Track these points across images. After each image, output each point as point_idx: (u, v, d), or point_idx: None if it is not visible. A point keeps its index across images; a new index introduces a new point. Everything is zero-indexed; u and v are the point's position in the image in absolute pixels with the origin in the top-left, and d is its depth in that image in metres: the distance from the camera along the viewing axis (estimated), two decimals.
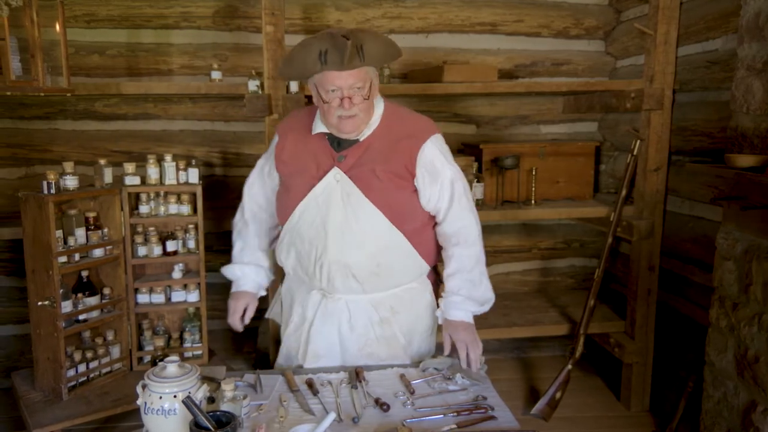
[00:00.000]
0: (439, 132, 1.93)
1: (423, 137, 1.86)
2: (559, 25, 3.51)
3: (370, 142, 1.84)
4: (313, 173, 1.86)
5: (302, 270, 1.93)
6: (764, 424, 2.07)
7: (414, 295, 1.98)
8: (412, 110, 1.99)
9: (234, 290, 2.09)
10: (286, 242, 1.94)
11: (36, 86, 2.36)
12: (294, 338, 2.00)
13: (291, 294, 2.06)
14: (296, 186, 1.89)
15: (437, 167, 1.86)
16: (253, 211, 2.09)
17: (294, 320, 2.00)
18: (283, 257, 1.98)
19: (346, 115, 1.75)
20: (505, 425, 1.55)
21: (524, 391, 3.35)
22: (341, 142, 1.84)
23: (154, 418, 1.38)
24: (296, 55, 1.75)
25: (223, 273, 2.13)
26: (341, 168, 1.83)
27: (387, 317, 1.92)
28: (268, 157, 2.04)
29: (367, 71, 1.75)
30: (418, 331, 2.01)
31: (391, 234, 1.84)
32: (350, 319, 1.91)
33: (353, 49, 1.65)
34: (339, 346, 1.93)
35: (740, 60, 2.31)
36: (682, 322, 2.97)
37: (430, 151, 1.86)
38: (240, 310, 2.05)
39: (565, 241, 3.80)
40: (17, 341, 3.35)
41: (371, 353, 1.92)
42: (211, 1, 3.24)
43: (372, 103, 1.81)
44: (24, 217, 2.52)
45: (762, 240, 2.10)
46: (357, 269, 1.85)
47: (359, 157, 1.83)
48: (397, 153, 1.83)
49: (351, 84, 1.72)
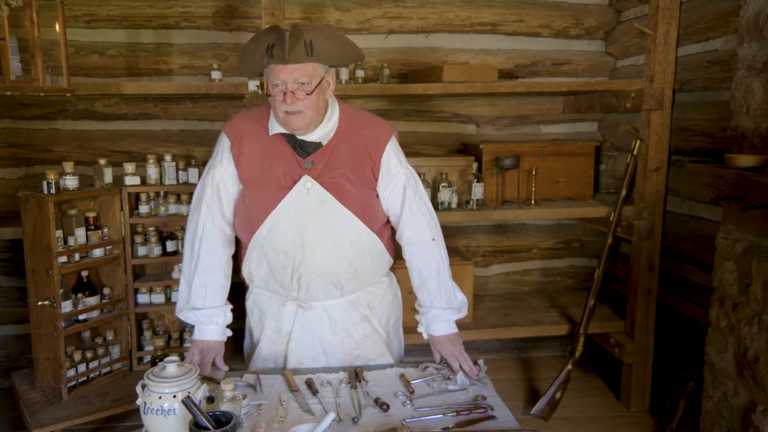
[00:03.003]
0: (395, 132, 1.89)
1: (384, 140, 1.84)
2: (559, 25, 3.51)
3: (334, 146, 1.79)
4: (280, 182, 1.77)
5: (276, 282, 1.85)
6: (764, 424, 2.07)
7: (385, 288, 2.00)
8: (367, 111, 1.96)
9: (198, 338, 1.86)
10: (256, 255, 1.83)
11: (36, 86, 2.36)
12: (269, 351, 1.93)
13: (259, 307, 1.95)
14: (262, 196, 1.79)
15: (392, 170, 1.85)
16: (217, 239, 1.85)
17: (268, 334, 1.92)
18: (252, 270, 1.87)
19: (291, 110, 1.68)
20: (505, 425, 1.55)
21: (524, 391, 3.35)
22: (303, 145, 1.77)
23: (153, 418, 1.38)
24: (247, 49, 1.72)
25: (182, 318, 1.88)
26: (311, 175, 1.76)
27: (366, 314, 1.93)
28: (220, 166, 1.83)
29: (315, 67, 1.68)
30: (391, 323, 2.03)
31: (368, 237, 1.83)
32: (331, 324, 1.90)
33: (299, 43, 1.62)
34: (323, 353, 1.91)
35: (740, 60, 2.31)
36: (682, 322, 2.96)
37: (388, 155, 1.84)
38: (209, 366, 1.83)
39: (565, 241, 3.80)
40: (17, 341, 3.35)
41: (358, 355, 1.92)
42: (211, 1, 3.24)
43: (322, 101, 1.73)
44: (24, 217, 2.52)
45: (762, 240, 2.10)
46: (337, 276, 1.83)
47: (327, 162, 1.77)
48: (362, 157, 1.81)
49: (295, 78, 1.65)
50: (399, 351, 2.09)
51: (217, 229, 1.85)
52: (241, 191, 1.85)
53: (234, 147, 1.82)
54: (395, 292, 2.06)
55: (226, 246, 1.88)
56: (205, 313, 1.84)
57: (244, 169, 1.81)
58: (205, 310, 1.84)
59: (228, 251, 1.89)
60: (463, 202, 3.12)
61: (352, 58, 1.81)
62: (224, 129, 1.86)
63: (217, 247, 1.86)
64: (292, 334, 1.89)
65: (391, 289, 2.03)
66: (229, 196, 1.86)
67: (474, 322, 3.21)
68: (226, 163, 1.83)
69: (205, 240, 1.84)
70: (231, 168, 1.83)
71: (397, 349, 2.08)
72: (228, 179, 1.84)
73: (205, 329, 1.85)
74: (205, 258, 1.84)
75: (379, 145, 1.82)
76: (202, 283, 1.84)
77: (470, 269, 3.20)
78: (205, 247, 1.84)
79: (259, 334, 1.95)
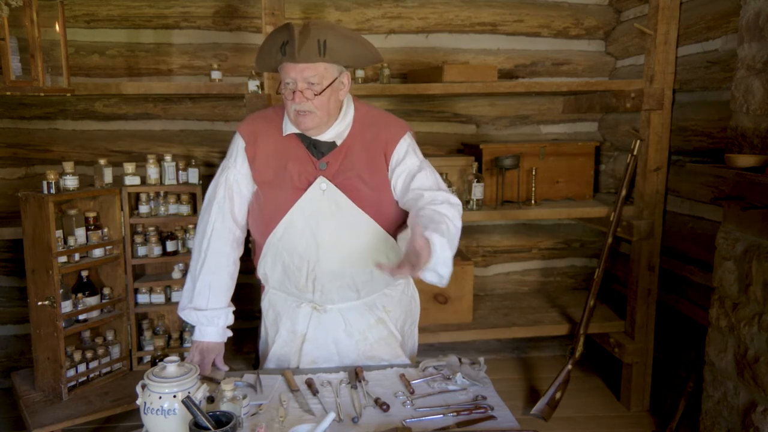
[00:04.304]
0: (411, 130, 1.88)
1: (397, 138, 1.82)
2: (559, 25, 3.51)
3: (348, 146, 1.78)
4: (295, 183, 1.76)
5: (291, 284, 1.85)
6: (764, 424, 2.07)
7: (401, 291, 1.99)
8: (383, 110, 1.94)
9: (198, 339, 1.84)
10: (271, 256, 1.83)
11: (36, 86, 2.36)
12: (283, 352, 1.92)
13: (275, 308, 1.96)
14: (277, 197, 1.78)
15: (404, 160, 1.80)
16: (226, 239, 1.84)
17: (282, 335, 1.92)
18: (267, 271, 1.88)
19: (300, 110, 1.67)
20: (505, 425, 1.55)
21: (524, 391, 3.35)
22: (317, 145, 1.76)
23: (153, 418, 1.38)
24: (264, 46, 1.72)
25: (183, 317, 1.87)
26: (326, 176, 1.75)
27: (382, 317, 1.92)
28: (234, 167, 1.83)
29: (327, 67, 1.66)
30: (407, 325, 2.02)
31: (384, 240, 1.82)
32: (346, 327, 1.89)
33: (311, 42, 1.60)
34: (337, 355, 1.91)
35: (740, 60, 2.31)
36: (682, 322, 2.96)
37: (400, 151, 1.81)
38: (209, 366, 1.83)
39: (565, 241, 3.80)
40: (17, 341, 3.35)
41: (372, 356, 1.91)
42: (211, 1, 3.24)
43: (334, 102, 1.72)
44: (24, 217, 2.52)
45: (762, 240, 2.10)
46: (353, 278, 1.82)
47: (341, 163, 1.76)
48: (376, 156, 1.79)
49: (305, 77, 1.64)
50: (413, 352, 2.07)
51: (227, 230, 1.84)
52: (255, 192, 1.84)
53: (249, 147, 1.81)
54: (412, 294, 2.04)
55: (234, 247, 1.87)
56: (206, 314, 1.83)
57: (259, 170, 1.80)
58: (207, 311, 1.82)
59: (236, 253, 1.88)
60: (463, 202, 3.12)
61: (368, 59, 1.78)
62: (238, 130, 1.85)
63: (225, 248, 1.84)
64: (307, 336, 1.89)
65: (408, 291, 2.02)
66: (242, 197, 1.85)
67: (474, 322, 3.21)
68: (240, 164, 1.82)
69: (214, 240, 1.83)
70: (245, 169, 1.82)
71: (411, 350, 2.06)
72: (242, 180, 1.83)
73: (205, 330, 1.84)
74: (212, 258, 1.83)
75: (392, 144, 1.81)
76: (207, 283, 1.83)
77: (470, 269, 3.20)
78: (213, 247, 1.83)
79: (274, 334, 1.95)
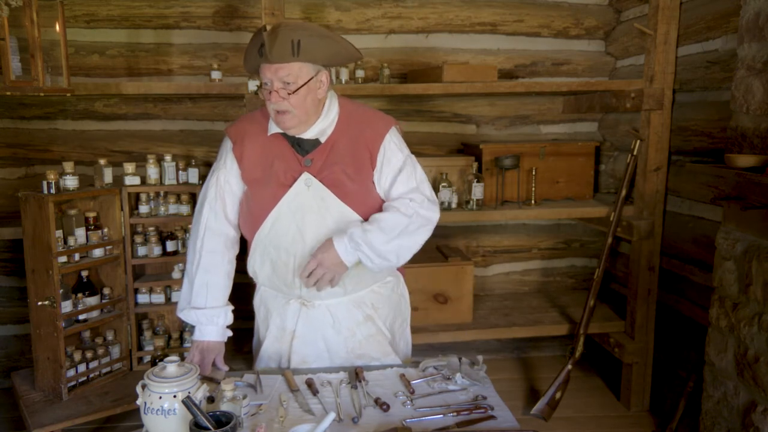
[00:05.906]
0: (396, 124, 1.90)
1: (382, 133, 1.84)
2: (559, 25, 3.51)
3: (333, 142, 1.80)
4: (280, 180, 1.79)
5: (279, 279, 1.86)
6: (764, 424, 2.07)
7: (391, 288, 1.99)
8: (369, 107, 1.96)
9: (198, 338, 1.85)
10: (259, 253, 1.86)
11: (36, 86, 2.36)
12: (274, 349, 1.93)
13: (265, 305, 1.98)
14: (264, 195, 1.81)
15: (388, 156, 1.83)
16: (220, 239, 1.87)
17: (272, 332, 1.93)
18: (257, 268, 1.89)
19: (278, 109, 1.70)
20: (505, 425, 1.55)
21: (524, 391, 3.35)
22: (301, 143, 1.79)
23: (153, 418, 1.38)
24: (247, 48, 1.75)
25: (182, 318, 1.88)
26: (310, 172, 1.78)
27: (370, 314, 1.93)
28: (224, 168, 1.87)
29: (301, 67, 1.68)
30: (397, 324, 2.02)
31: None
32: (334, 323, 1.90)
33: (283, 42, 1.63)
34: (327, 352, 1.91)
35: (740, 60, 2.31)
36: (682, 322, 2.96)
37: (385, 145, 1.83)
38: (209, 366, 1.84)
39: (565, 241, 3.80)
40: (17, 341, 3.35)
41: (362, 354, 1.92)
42: (211, 1, 3.24)
43: (311, 101, 1.73)
44: (24, 217, 2.52)
45: (762, 240, 2.10)
46: None
47: (326, 158, 1.79)
48: (361, 151, 1.81)
49: (280, 77, 1.67)
50: (406, 352, 2.08)
51: (220, 230, 1.88)
52: (246, 191, 1.88)
53: (236, 148, 1.86)
54: (402, 293, 2.05)
55: (228, 247, 1.90)
56: (205, 313, 1.84)
57: (247, 169, 1.84)
58: (205, 310, 1.84)
59: (231, 252, 1.91)
60: (463, 202, 3.12)
61: (345, 57, 1.80)
62: (226, 131, 1.92)
63: (219, 247, 1.87)
64: (296, 332, 1.90)
65: (397, 289, 2.03)
66: (233, 197, 1.89)
67: (474, 322, 3.21)
68: (230, 165, 1.87)
69: (207, 239, 1.86)
70: (234, 169, 1.86)
71: (404, 350, 2.07)
72: (232, 180, 1.87)
73: (205, 329, 1.85)
74: (207, 257, 1.85)
75: (377, 138, 1.83)
76: (203, 282, 1.85)
77: (470, 269, 3.20)
78: (207, 247, 1.86)
79: (265, 331, 1.97)
